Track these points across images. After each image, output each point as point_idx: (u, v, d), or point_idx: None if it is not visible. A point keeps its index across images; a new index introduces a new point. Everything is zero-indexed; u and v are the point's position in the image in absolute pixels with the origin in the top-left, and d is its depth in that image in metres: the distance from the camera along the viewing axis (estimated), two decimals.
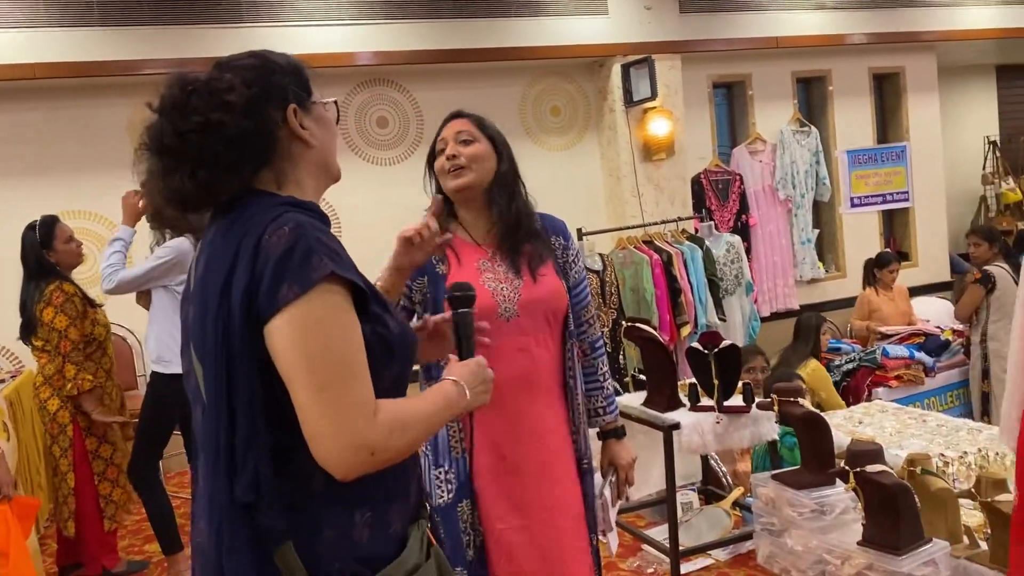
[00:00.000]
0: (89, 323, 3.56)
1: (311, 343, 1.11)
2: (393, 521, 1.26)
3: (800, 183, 6.80)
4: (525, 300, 1.91)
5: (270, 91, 1.25)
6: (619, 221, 5.93)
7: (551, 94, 6.23)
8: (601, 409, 2.12)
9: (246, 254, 1.16)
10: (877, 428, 4.20)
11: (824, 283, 7.07)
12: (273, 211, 1.20)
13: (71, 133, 5.10)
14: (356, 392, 1.13)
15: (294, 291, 1.12)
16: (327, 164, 1.35)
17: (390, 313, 1.27)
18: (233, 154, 1.20)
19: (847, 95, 7.11)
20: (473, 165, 1.92)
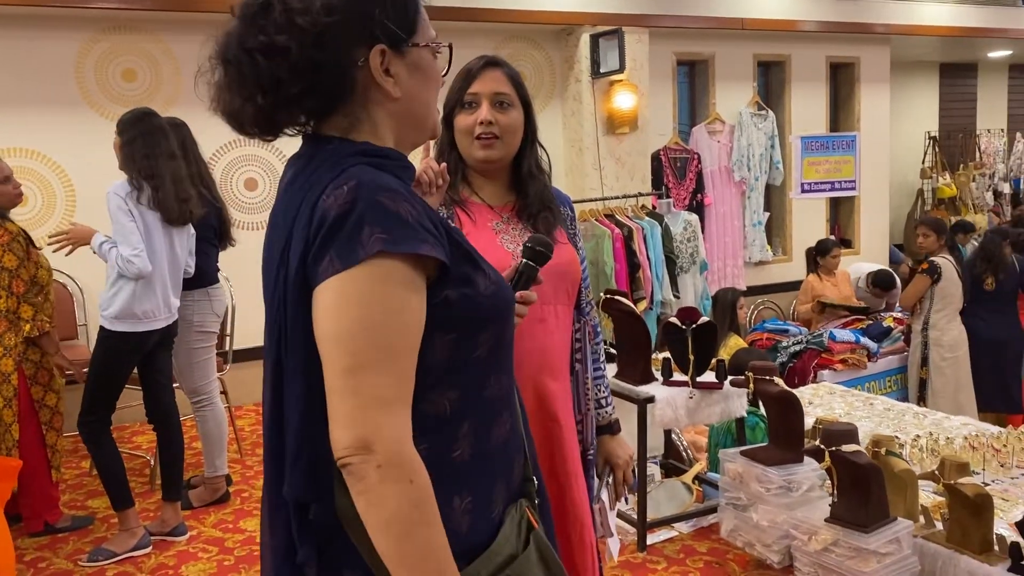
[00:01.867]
0: (33, 265, 3.40)
1: (343, 322, 1.00)
2: (497, 504, 1.14)
3: (755, 166, 6.90)
4: (548, 265, 1.67)
5: (353, 23, 1.08)
6: (579, 193, 5.92)
7: (518, 59, 6.14)
8: (603, 400, 1.94)
9: (304, 215, 1.04)
10: (827, 409, 4.31)
11: (771, 266, 7.21)
12: (340, 165, 1.07)
13: (13, 65, 4.81)
14: (383, 384, 1.00)
15: (335, 266, 1.00)
16: (416, 119, 1.18)
17: (482, 270, 1.13)
18: (297, 85, 1.06)
19: (804, 81, 7.22)
20: (506, 137, 1.73)
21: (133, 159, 3.30)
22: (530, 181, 1.79)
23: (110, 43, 5.03)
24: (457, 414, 1.10)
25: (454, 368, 1.10)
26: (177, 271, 3.49)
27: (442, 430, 1.08)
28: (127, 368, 3.40)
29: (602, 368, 1.95)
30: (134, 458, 4.45)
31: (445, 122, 1.80)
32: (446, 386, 1.09)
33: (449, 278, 1.07)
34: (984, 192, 9.39)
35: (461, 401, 1.11)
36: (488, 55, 1.81)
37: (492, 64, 1.77)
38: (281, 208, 1.12)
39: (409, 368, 1.03)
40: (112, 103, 4.95)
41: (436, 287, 1.07)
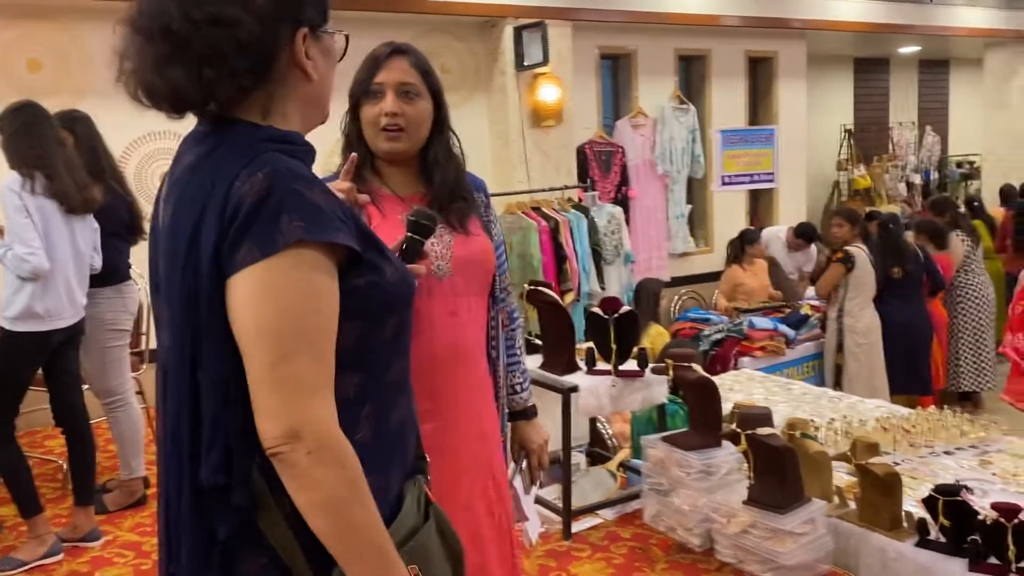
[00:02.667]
0: None
1: (266, 312, 1.01)
2: (394, 483, 1.17)
3: (677, 159, 7.01)
4: (459, 257, 1.72)
5: (289, 3, 1.11)
6: (506, 186, 5.92)
7: (440, 52, 6.10)
8: (518, 386, 1.92)
9: (217, 202, 1.03)
10: (747, 395, 4.40)
11: (694, 257, 7.35)
12: (251, 150, 1.06)
13: None
14: (308, 372, 1.02)
15: (254, 254, 1.00)
16: (323, 101, 1.21)
17: (387, 258, 1.16)
18: (241, 59, 1.06)
19: (724, 76, 7.36)
20: (412, 128, 1.70)
21: (19, 151, 3.17)
22: (436, 169, 1.75)
23: (16, 31, 4.82)
24: (360, 397, 1.13)
25: (360, 353, 1.12)
26: (82, 266, 3.37)
27: (346, 413, 1.09)
28: (31, 370, 3.27)
29: (517, 354, 1.94)
30: (46, 463, 4.29)
31: (352, 111, 1.77)
32: (352, 371, 1.11)
33: (358, 266, 1.09)
34: (897, 183, 9.75)
35: (364, 385, 1.13)
36: (395, 42, 1.76)
37: (398, 52, 1.73)
38: (187, 191, 1.09)
39: (329, 353, 1.05)
40: (16, 94, 4.69)
41: (345, 275, 1.08)
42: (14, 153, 3.20)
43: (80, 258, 3.34)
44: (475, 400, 1.75)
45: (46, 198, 3.17)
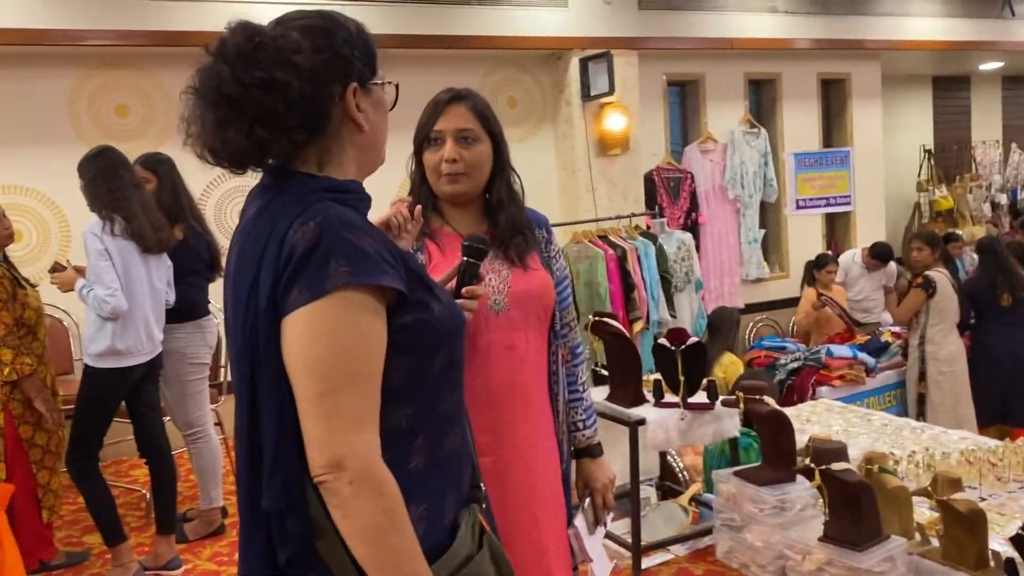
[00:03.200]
0: (19, 306, 3.33)
1: (314, 350, 1.08)
2: (448, 511, 1.22)
3: (749, 183, 6.91)
4: (516, 292, 1.75)
5: (336, 62, 1.18)
6: (572, 215, 5.93)
7: (508, 85, 6.19)
8: (581, 423, 1.92)
9: (273, 250, 1.11)
10: (825, 426, 4.29)
11: (768, 283, 7.21)
12: (305, 200, 1.14)
13: (9, 104, 4.86)
14: (352, 407, 1.08)
15: (304, 296, 1.08)
16: (375, 150, 1.28)
17: (435, 295, 1.21)
18: (293, 117, 1.14)
19: (796, 99, 7.25)
20: (472, 172, 1.76)
21: (98, 195, 3.33)
22: (500, 210, 1.80)
23: (103, 79, 5.08)
24: (412, 428, 1.18)
25: (411, 386, 1.17)
26: (159, 303, 3.50)
27: (399, 443, 1.16)
28: (113, 404, 3.41)
29: (580, 391, 1.94)
30: (130, 492, 4.44)
31: (416, 156, 1.83)
32: (403, 403, 1.17)
33: (406, 305, 1.15)
34: (981, 204, 9.39)
35: (416, 416, 1.18)
36: (454, 89, 1.82)
37: (457, 99, 1.79)
38: (248, 241, 1.17)
39: (374, 389, 1.11)
40: (106, 138, 4.97)
41: (395, 313, 1.14)
42: (94, 197, 3.36)
43: (157, 295, 3.48)
44: (534, 435, 1.75)
45: (125, 239, 3.32)
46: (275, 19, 1.21)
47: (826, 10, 6.97)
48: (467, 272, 1.53)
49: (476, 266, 1.53)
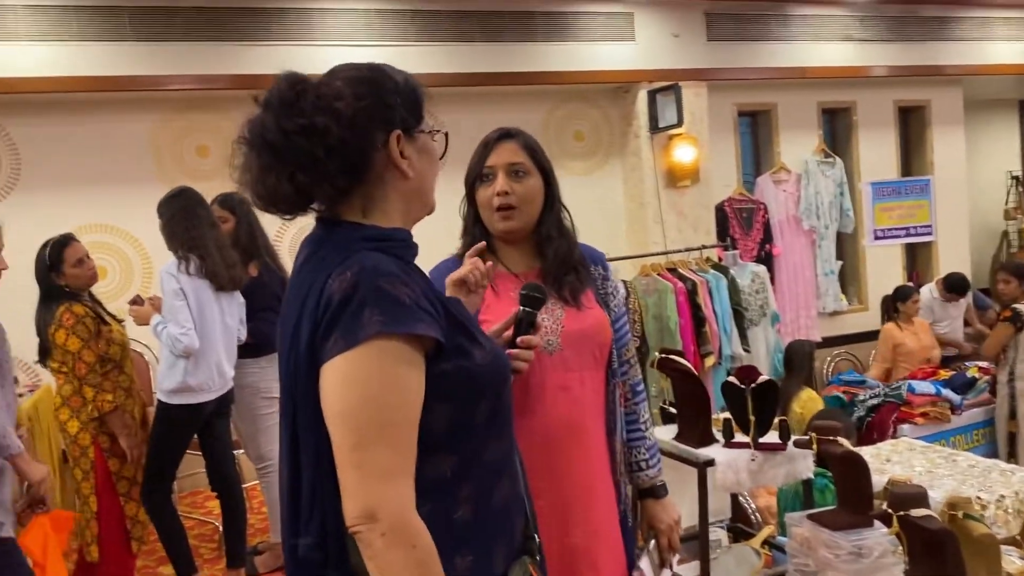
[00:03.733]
0: (104, 343, 3.45)
1: (347, 400, 1.09)
2: (497, 562, 1.20)
3: (824, 214, 6.75)
4: (569, 331, 1.73)
5: (378, 109, 1.19)
6: (641, 248, 5.88)
7: (575, 119, 6.20)
8: (644, 463, 1.89)
9: (313, 298, 1.13)
10: (907, 467, 4.11)
11: (845, 316, 7.00)
12: (347, 249, 1.16)
13: (96, 146, 5.09)
14: (385, 458, 1.08)
15: (339, 346, 1.09)
16: (422, 197, 1.29)
17: (478, 342, 1.20)
18: (333, 163, 1.16)
19: (872, 127, 7.07)
20: (524, 206, 1.77)
21: (175, 234, 3.44)
22: (549, 245, 1.79)
23: (184, 121, 5.28)
24: (458, 477, 1.17)
25: (454, 435, 1.16)
26: (231, 340, 3.59)
27: (444, 492, 1.15)
28: (185, 439, 3.49)
29: (642, 429, 1.91)
30: (204, 524, 4.53)
31: (468, 196, 1.85)
32: (446, 451, 1.16)
33: (446, 352, 1.15)
34: None
35: (461, 465, 1.17)
36: (504, 127, 1.84)
37: (506, 136, 1.81)
38: (294, 288, 1.20)
39: (409, 440, 1.11)
40: (187, 178, 5.15)
41: (434, 360, 1.14)
42: (171, 236, 3.47)
43: (229, 332, 3.57)
44: (591, 477, 1.73)
45: (199, 278, 3.42)
46: (328, 71, 1.23)
47: (904, 36, 6.80)
48: (524, 321, 1.51)
49: (533, 315, 1.51)
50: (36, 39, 4.63)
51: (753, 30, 6.27)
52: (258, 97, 1.20)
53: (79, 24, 4.69)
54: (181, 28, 4.88)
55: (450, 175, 1.81)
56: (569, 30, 5.74)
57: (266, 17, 5.04)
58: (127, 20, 4.76)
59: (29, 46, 4.62)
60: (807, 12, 6.42)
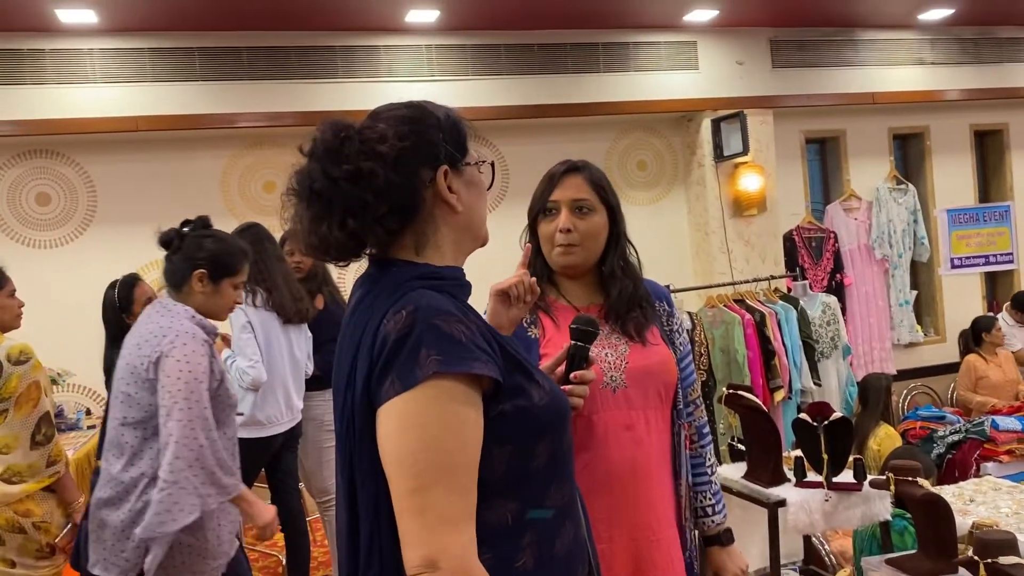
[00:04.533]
0: None
1: (405, 443, 1.05)
2: None
3: (897, 242, 6.54)
4: (634, 368, 1.67)
5: (422, 147, 1.19)
6: (707, 278, 5.78)
7: (638, 148, 6.16)
8: (710, 508, 1.83)
9: (368, 339, 1.11)
10: (991, 508, 3.89)
11: (922, 347, 6.74)
12: (401, 289, 1.14)
13: (166, 183, 5.23)
14: (446, 503, 1.04)
15: (396, 387, 1.06)
16: (473, 229, 1.27)
17: (536, 381, 1.16)
18: (382, 205, 1.15)
19: (946, 152, 6.85)
20: (586, 243, 1.72)
21: None
22: (613, 282, 1.75)
23: (253, 158, 5.39)
24: (519, 524, 1.13)
25: (514, 479, 1.13)
26: (299, 372, 3.61)
27: (505, 540, 1.12)
28: (254, 472, 3.51)
29: (707, 474, 1.84)
30: (267, 556, 4.55)
31: (531, 227, 1.81)
32: (507, 497, 1.13)
33: (503, 392, 1.11)
34: None
35: (523, 511, 1.13)
36: (571, 160, 1.79)
37: (573, 170, 1.77)
38: (348, 329, 1.19)
39: (469, 483, 1.08)
40: (255, 213, 5.27)
41: (491, 401, 1.11)
42: None
43: (296, 365, 3.59)
44: (655, 521, 1.65)
45: (267, 311, 3.45)
46: (370, 112, 1.23)
47: (978, 59, 6.59)
48: (576, 356, 1.46)
49: (585, 350, 1.45)
50: (112, 81, 4.81)
51: (819, 56, 6.15)
52: (303, 147, 1.20)
53: (152, 66, 4.86)
54: (249, 67, 5.01)
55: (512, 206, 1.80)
56: (632, 60, 5.72)
57: (331, 55, 5.14)
58: (197, 61, 4.91)
59: (105, 88, 4.80)
60: (876, 36, 6.28)
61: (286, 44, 5.07)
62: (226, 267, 2.55)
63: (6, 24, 4.53)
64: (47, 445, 2.75)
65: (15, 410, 2.71)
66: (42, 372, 2.82)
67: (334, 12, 4.88)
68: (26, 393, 2.73)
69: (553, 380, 1.42)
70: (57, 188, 5.11)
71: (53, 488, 2.78)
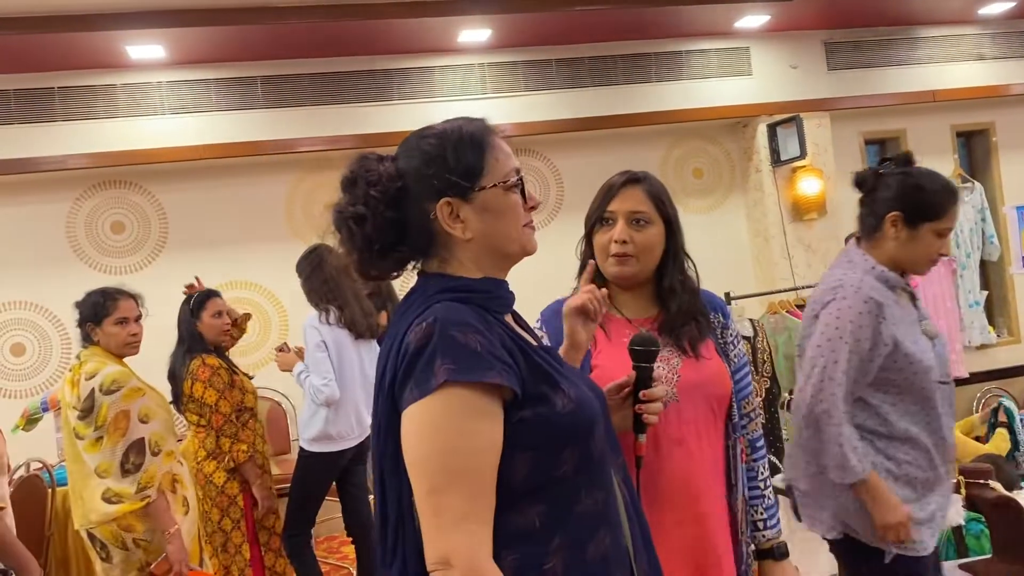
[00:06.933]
0: (238, 392, 3.54)
1: (421, 447, 1.13)
2: None
3: (965, 242, 6.38)
4: (686, 382, 1.66)
5: (417, 184, 1.25)
6: (769, 284, 5.72)
7: (693, 156, 6.15)
8: (761, 522, 1.80)
9: (395, 349, 1.19)
10: None
11: (995, 349, 6.55)
12: (428, 301, 1.21)
13: (232, 208, 5.41)
14: (458, 504, 1.11)
15: (414, 395, 1.14)
16: (495, 251, 1.29)
17: (561, 390, 1.21)
18: (385, 240, 1.25)
19: (1014, 148, 6.67)
20: (642, 256, 1.71)
21: (314, 289, 3.59)
22: (672, 297, 1.74)
23: (315, 181, 5.55)
24: (547, 528, 1.17)
25: (539, 484, 1.17)
26: (369, 388, 3.68)
27: (532, 542, 1.15)
28: (325, 486, 3.60)
29: (760, 487, 1.82)
30: (339, 569, 4.64)
31: (586, 238, 1.81)
32: (533, 500, 1.17)
33: (524, 399, 1.16)
34: None
35: (550, 515, 1.17)
36: (631, 171, 1.79)
37: (633, 181, 1.76)
38: (386, 339, 1.27)
39: (483, 486, 1.13)
40: (317, 235, 5.40)
41: (513, 408, 1.16)
42: (311, 291, 3.63)
43: (367, 381, 3.68)
44: (710, 535, 1.65)
45: (339, 328, 3.55)
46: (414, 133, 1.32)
47: None
48: (640, 377, 1.49)
49: (648, 370, 1.48)
50: (179, 112, 5.01)
51: (876, 56, 6.07)
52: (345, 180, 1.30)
53: (216, 95, 5.04)
54: (307, 94, 5.17)
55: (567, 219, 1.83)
56: (684, 68, 5.72)
57: (387, 78, 5.27)
58: (259, 88, 5.08)
59: (173, 119, 5.00)
60: (934, 33, 6.16)
61: (342, 70, 5.21)
62: (927, 209, 2.18)
63: (82, 63, 4.76)
64: (135, 474, 2.81)
65: (107, 438, 2.82)
66: (137, 400, 2.88)
67: (388, 37, 5.01)
68: (114, 422, 2.82)
69: (617, 399, 1.49)
70: (131, 216, 5.33)
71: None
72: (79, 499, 2.87)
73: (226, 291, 5.31)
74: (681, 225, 1.79)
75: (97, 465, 2.81)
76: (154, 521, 2.84)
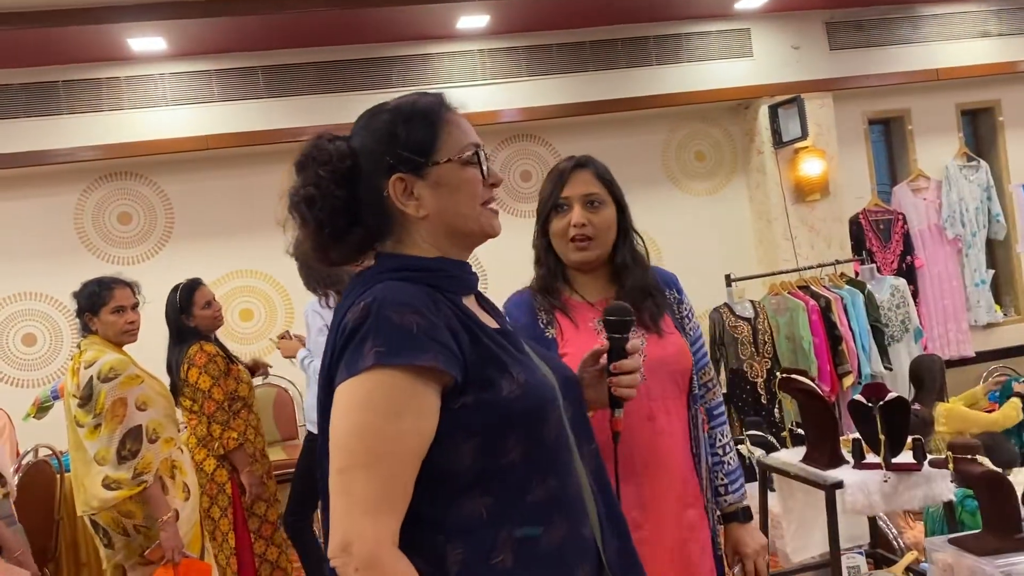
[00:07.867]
0: (232, 381, 3.56)
1: (342, 424, 1.09)
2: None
3: (970, 221, 6.36)
4: (651, 360, 1.69)
5: (368, 162, 1.21)
6: (771, 266, 5.72)
7: (695, 139, 6.14)
8: (722, 488, 1.84)
9: (334, 328, 1.17)
10: None
11: (1002, 328, 6.53)
12: (373, 280, 1.18)
13: (237, 197, 5.46)
14: (369, 489, 1.05)
15: (343, 375, 1.10)
16: (453, 228, 1.23)
17: (508, 372, 1.15)
18: (338, 221, 1.20)
19: (1020, 126, 6.62)
20: (600, 236, 1.75)
21: (311, 275, 3.61)
22: (626, 273, 1.79)
23: None
24: (495, 519, 1.11)
25: (485, 473, 1.12)
26: None
27: (479, 536, 1.10)
28: None
29: (720, 454, 1.87)
30: None
31: (540, 227, 1.85)
32: (478, 491, 1.12)
33: (466, 384, 1.11)
34: None
35: (497, 506, 1.12)
36: (577, 156, 1.84)
37: (580, 165, 1.81)
38: (334, 317, 1.24)
39: (399, 473, 1.07)
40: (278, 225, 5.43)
41: (454, 393, 1.11)
42: (308, 275, 3.66)
43: None
44: (683, 505, 1.70)
45: None
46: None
47: None
48: (612, 348, 1.42)
49: (619, 340, 1.41)
50: (182, 103, 5.06)
51: (878, 34, 6.03)
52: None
53: (219, 86, 5.09)
54: (309, 82, 5.20)
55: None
56: (684, 51, 5.71)
57: (387, 65, 5.29)
58: (261, 78, 5.12)
59: (176, 110, 5.05)
60: (937, 11, 6.11)
61: (343, 58, 5.24)
62: None
63: (85, 56, 4.81)
64: (132, 460, 2.86)
65: (105, 425, 2.88)
66: (135, 388, 2.93)
67: (388, 24, 5.03)
68: (111, 409, 2.87)
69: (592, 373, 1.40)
70: (137, 207, 5.40)
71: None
72: (81, 486, 2.94)
73: (232, 280, 5.40)
74: (628, 205, 1.84)
75: (96, 452, 2.87)
76: (149, 506, 2.88)
